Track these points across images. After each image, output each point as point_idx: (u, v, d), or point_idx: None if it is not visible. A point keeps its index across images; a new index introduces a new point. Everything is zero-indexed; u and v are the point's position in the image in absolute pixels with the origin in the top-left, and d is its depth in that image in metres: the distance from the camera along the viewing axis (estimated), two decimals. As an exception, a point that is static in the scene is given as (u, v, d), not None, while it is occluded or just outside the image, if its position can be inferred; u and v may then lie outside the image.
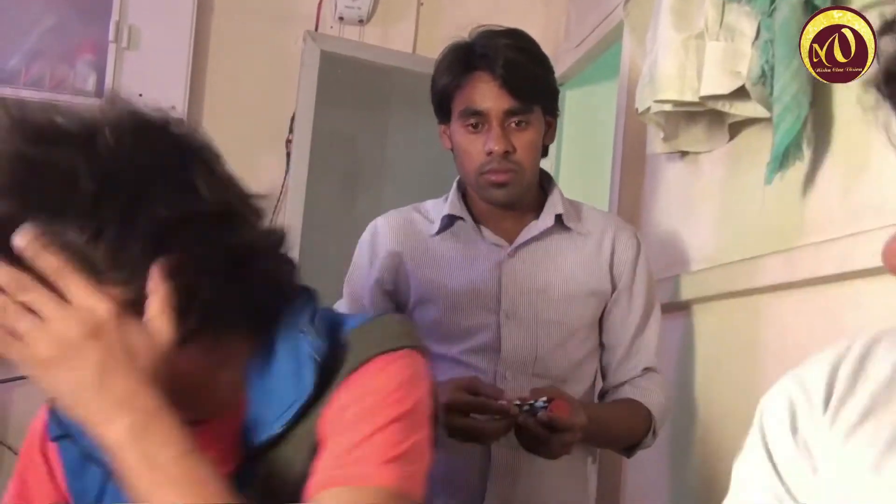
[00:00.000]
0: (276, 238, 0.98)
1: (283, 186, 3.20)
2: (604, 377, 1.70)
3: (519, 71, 1.53)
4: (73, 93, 3.03)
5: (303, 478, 0.91)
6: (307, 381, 0.92)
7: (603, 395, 1.70)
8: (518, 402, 1.40)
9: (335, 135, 3.15)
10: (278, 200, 3.23)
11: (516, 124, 1.55)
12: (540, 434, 1.38)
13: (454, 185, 1.68)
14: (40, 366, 0.83)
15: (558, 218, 1.63)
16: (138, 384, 0.84)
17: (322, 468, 0.90)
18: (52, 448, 1.02)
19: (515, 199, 1.60)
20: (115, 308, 0.84)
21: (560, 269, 1.62)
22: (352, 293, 1.69)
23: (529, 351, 1.58)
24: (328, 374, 0.93)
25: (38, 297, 0.82)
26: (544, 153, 1.65)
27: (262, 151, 3.25)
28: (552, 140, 1.66)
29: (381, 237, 1.68)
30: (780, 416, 0.75)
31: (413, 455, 0.92)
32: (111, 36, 3.02)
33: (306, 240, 3.00)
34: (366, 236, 1.71)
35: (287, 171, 3.17)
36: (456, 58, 1.59)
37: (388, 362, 0.95)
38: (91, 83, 3.05)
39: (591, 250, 1.64)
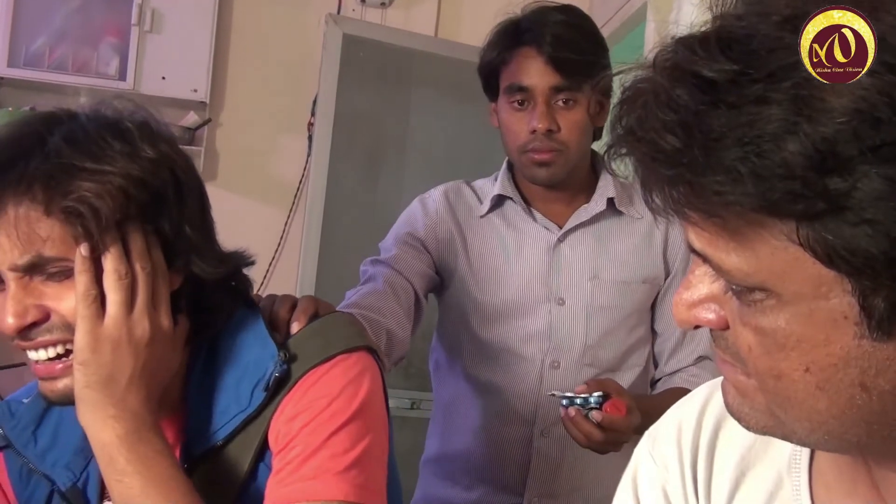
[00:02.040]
0: (241, 253, 1.03)
1: (305, 169, 3.21)
2: (656, 365, 1.65)
3: (567, 47, 1.47)
4: (96, 76, 3.05)
5: (245, 484, 0.93)
6: (257, 397, 0.93)
7: (655, 382, 1.65)
8: (570, 395, 1.34)
9: (357, 117, 3.15)
10: (300, 183, 3.24)
11: (563, 102, 1.49)
12: (592, 433, 1.32)
13: (504, 164, 1.63)
14: (77, 351, 0.88)
15: (610, 202, 1.57)
16: (145, 398, 0.90)
17: (275, 484, 0.91)
18: None
19: (559, 179, 1.54)
20: (158, 333, 0.91)
21: (612, 254, 1.57)
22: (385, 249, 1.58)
23: (580, 339, 1.54)
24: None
25: (115, 292, 0.88)
26: (598, 135, 1.59)
27: (284, 134, 3.26)
28: (604, 121, 1.57)
29: (432, 206, 1.61)
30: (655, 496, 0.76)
31: (365, 462, 0.92)
32: (134, 19, 3.03)
33: (328, 222, 3.01)
34: (415, 206, 1.63)
35: (309, 154, 3.18)
36: (503, 33, 1.53)
37: (330, 367, 0.95)
38: (114, 66, 3.06)
39: (644, 234, 1.59)
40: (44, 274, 0.88)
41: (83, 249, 0.86)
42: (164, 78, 3.06)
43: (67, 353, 0.90)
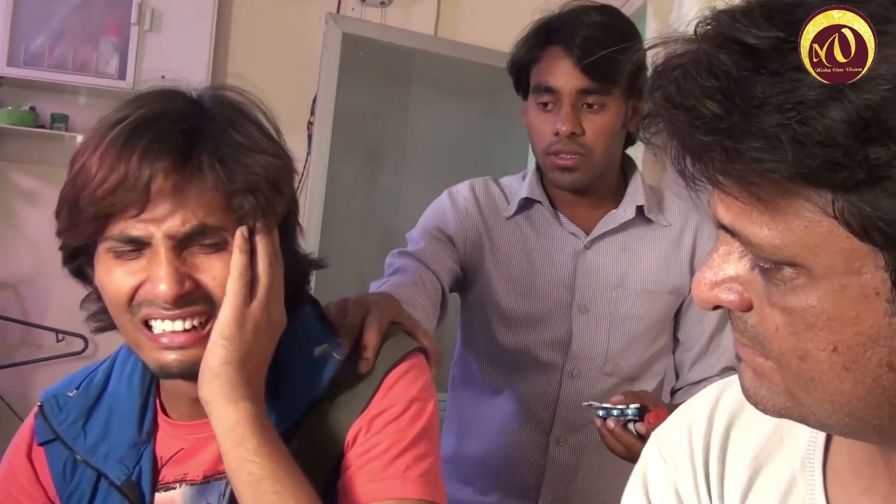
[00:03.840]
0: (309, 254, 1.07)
1: (304, 168, 3.21)
2: (678, 374, 1.61)
3: (597, 49, 1.39)
4: (96, 75, 3.05)
5: (313, 471, 0.91)
6: (323, 379, 0.94)
7: (676, 391, 1.61)
8: (608, 406, 1.31)
9: (356, 116, 3.15)
10: (300, 182, 3.24)
11: (589, 105, 1.43)
12: (634, 445, 1.28)
13: (533, 165, 1.57)
14: (223, 326, 0.88)
15: (639, 209, 1.53)
16: (263, 382, 0.91)
17: (365, 478, 0.91)
18: (39, 452, 1.03)
19: (583, 185, 1.49)
20: (283, 320, 0.94)
21: (639, 263, 1.53)
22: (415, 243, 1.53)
23: (601, 347, 1.51)
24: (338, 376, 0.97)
25: (266, 276, 0.90)
26: (631, 140, 1.54)
27: (283, 133, 3.25)
28: (636, 126, 1.51)
29: (462, 203, 1.56)
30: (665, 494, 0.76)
31: (437, 469, 0.95)
32: (134, 18, 3.04)
33: (328, 221, 3.01)
34: (444, 200, 1.58)
35: (309, 153, 3.17)
36: (534, 30, 1.48)
37: (405, 369, 0.98)
38: (114, 65, 3.07)
39: (672, 243, 1.54)
40: (196, 245, 0.88)
41: (245, 230, 0.88)
42: (163, 77, 3.03)
43: (201, 325, 0.90)
